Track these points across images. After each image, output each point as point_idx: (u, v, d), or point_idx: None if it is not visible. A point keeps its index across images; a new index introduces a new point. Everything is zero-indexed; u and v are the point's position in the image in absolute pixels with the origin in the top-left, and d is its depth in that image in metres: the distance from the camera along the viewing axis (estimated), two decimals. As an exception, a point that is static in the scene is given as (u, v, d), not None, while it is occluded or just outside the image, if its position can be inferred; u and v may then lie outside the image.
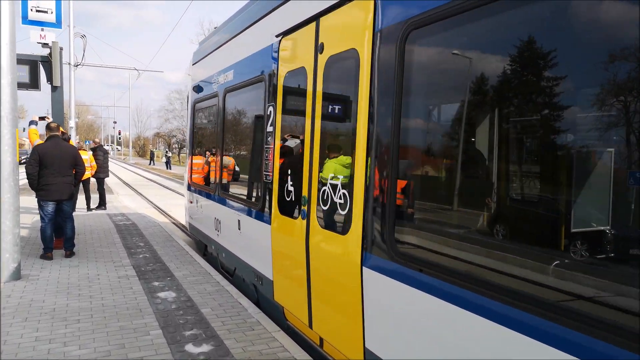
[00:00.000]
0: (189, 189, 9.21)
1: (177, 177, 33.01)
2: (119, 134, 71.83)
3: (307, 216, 4.31)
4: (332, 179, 3.92)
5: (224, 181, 7.04)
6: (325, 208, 4.02)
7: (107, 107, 78.00)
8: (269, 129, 5.22)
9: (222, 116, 7.02)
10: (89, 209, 13.92)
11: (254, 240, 5.71)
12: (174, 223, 13.96)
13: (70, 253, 7.90)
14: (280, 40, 4.99)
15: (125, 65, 36.31)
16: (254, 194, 5.92)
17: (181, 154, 65.17)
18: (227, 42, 6.90)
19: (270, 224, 5.15)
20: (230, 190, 6.87)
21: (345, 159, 3.84)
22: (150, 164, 53.70)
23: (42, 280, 6.52)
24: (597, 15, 2.15)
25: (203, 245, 8.65)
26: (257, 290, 5.92)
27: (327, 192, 3.97)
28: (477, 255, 2.72)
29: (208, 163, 7.91)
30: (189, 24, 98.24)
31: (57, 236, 8.39)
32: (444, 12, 2.76)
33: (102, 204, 14.56)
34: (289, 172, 4.76)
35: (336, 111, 4.08)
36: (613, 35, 2.07)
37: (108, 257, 8.02)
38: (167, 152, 53.80)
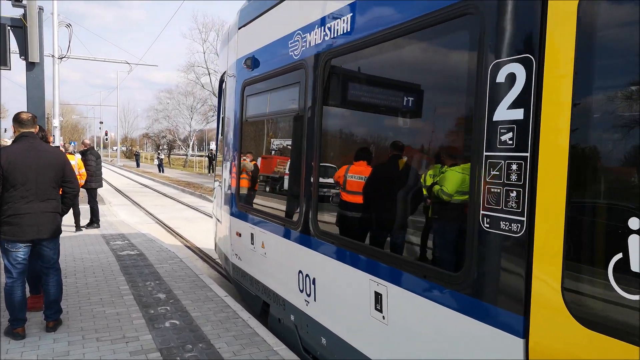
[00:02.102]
0: (235, 214, 6.10)
1: (172, 181, 29.68)
2: (106, 134, 67.84)
3: None
4: None
5: (327, 211, 4.05)
6: None
7: (92, 106, 74.09)
8: (505, 114, 2.33)
9: (319, 100, 4.06)
10: (78, 228, 10.91)
11: (444, 353, 2.79)
12: (188, 247, 10.93)
13: (54, 323, 4.86)
14: None
15: (114, 60, 32.84)
16: (441, 253, 2.99)
17: (171, 156, 61.81)
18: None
19: (522, 336, 2.24)
20: (349, 230, 3.88)
21: None
22: (137, 167, 50.27)
23: (2, 402, 3.54)
24: None
25: (259, 301, 5.66)
26: None
27: None
28: None
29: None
30: (177, 23, 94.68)
31: (34, 291, 5.40)
32: None
33: (94, 220, 11.62)
34: None
35: None
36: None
37: (115, 327, 5.02)
38: (159, 154, 50.08)
